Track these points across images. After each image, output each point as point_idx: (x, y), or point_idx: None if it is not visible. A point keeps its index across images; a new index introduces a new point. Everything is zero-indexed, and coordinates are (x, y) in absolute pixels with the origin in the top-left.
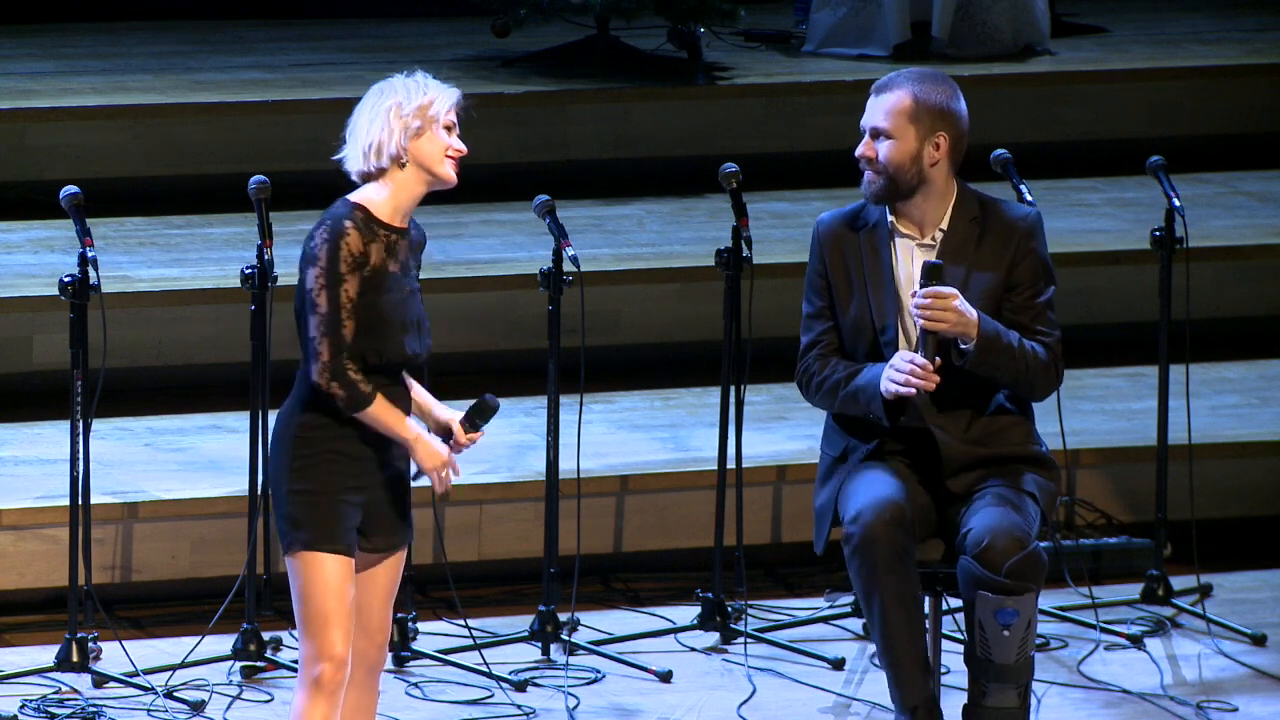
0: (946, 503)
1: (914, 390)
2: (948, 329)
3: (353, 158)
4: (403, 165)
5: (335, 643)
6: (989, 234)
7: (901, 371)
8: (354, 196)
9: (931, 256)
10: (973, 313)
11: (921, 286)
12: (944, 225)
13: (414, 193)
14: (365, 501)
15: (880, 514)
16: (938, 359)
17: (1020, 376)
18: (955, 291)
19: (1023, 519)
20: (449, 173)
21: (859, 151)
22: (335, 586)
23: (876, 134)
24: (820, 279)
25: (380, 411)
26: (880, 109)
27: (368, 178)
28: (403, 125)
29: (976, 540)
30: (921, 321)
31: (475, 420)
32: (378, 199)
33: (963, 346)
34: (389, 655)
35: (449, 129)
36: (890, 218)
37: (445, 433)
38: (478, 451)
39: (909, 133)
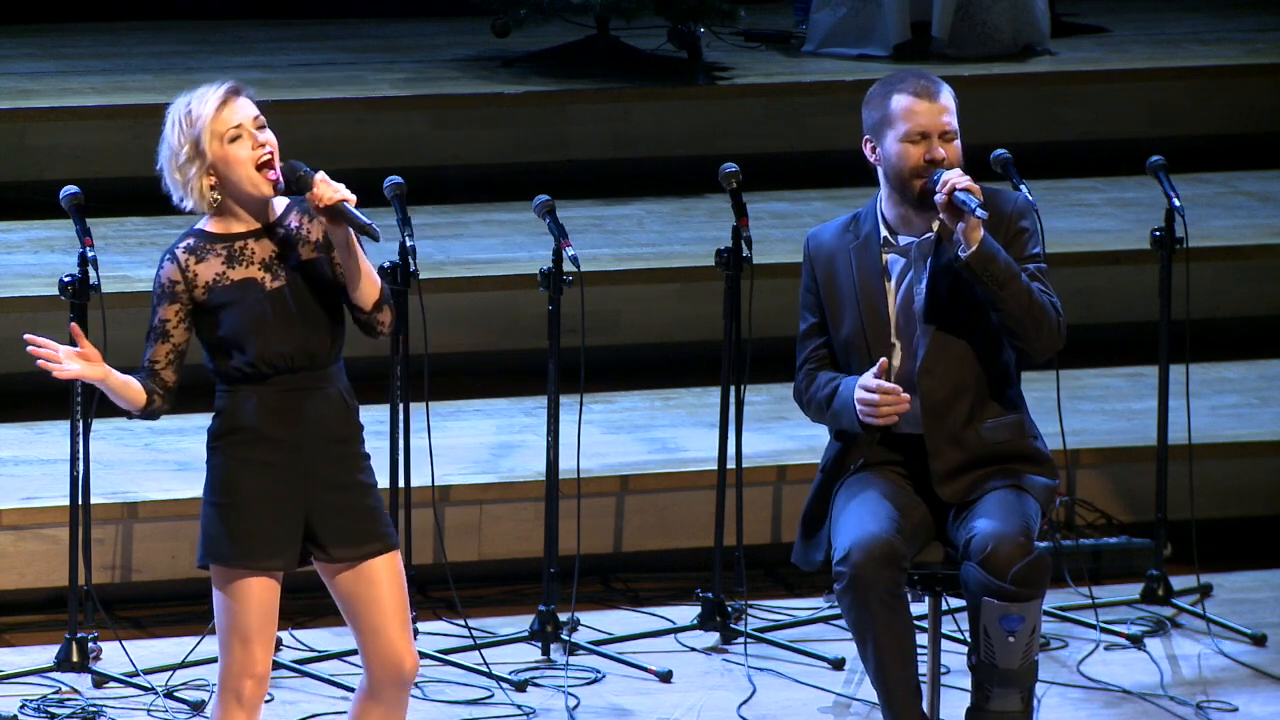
0: (944, 508)
1: (894, 418)
2: (970, 185)
3: (190, 207)
4: (217, 200)
5: (257, 660)
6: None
7: (871, 404)
8: (200, 223)
9: (924, 255)
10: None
11: None
12: (941, 217)
13: (248, 205)
14: (299, 508)
15: (869, 553)
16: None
17: (1024, 306)
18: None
19: (1026, 523)
20: (265, 188)
21: (934, 155)
22: (255, 602)
23: (947, 137)
24: (812, 295)
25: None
26: (948, 108)
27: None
28: (190, 173)
29: (981, 546)
30: (959, 182)
31: (300, 188)
32: (215, 218)
33: (963, 254)
34: None
35: (236, 138)
36: (884, 231)
37: (337, 222)
38: (476, 452)
39: (957, 126)
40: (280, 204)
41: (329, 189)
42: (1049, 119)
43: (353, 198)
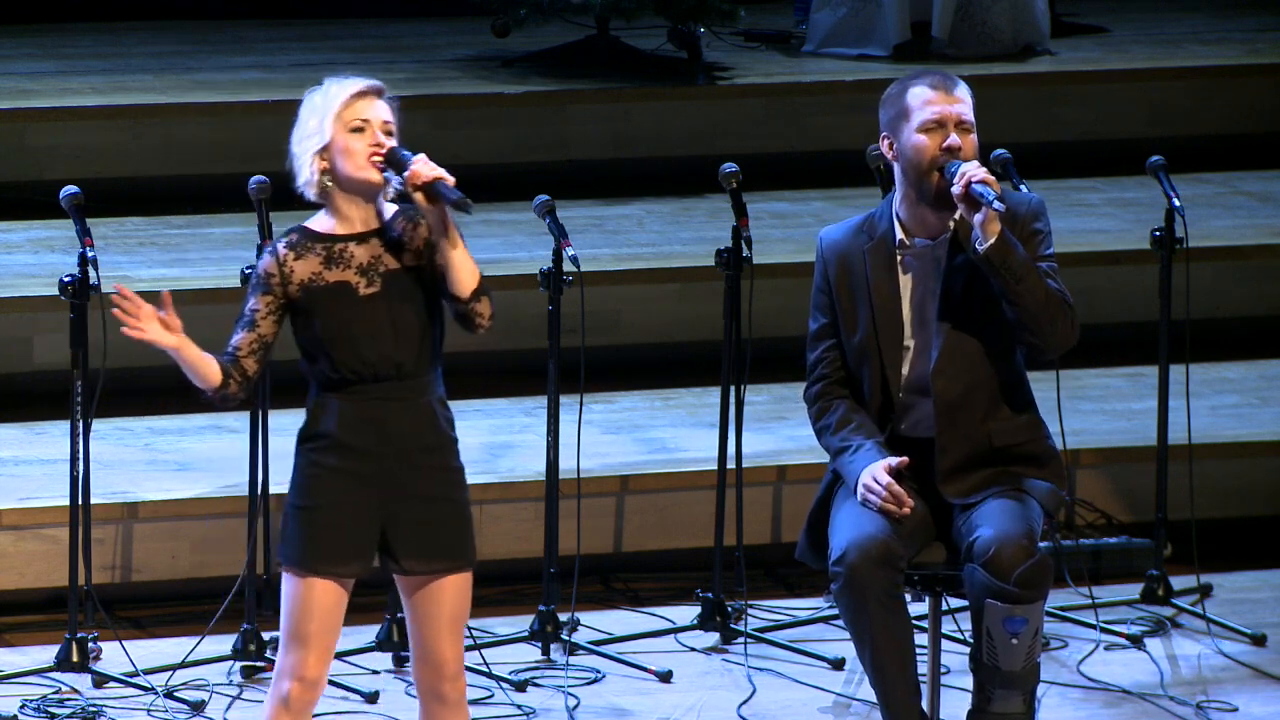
0: (947, 506)
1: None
2: (987, 176)
3: (302, 189)
4: (328, 186)
5: (308, 664)
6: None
7: (876, 493)
8: (308, 220)
9: (941, 257)
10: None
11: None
12: (957, 216)
13: (355, 201)
14: (375, 517)
15: (866, 553)
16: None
17: (1040, 301)
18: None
19: (1029, 526)
20: (370, 176)
21: (950, 144)
22: (317, 607)
23: (964, 127)
24: (824, 296)
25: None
26: (963, 100)
27: (322, 200)
28: (306, 150)
29: (984, 548)
30: (975, 174)
31: (399, 171)
32: (322, 217)
33: (980, 248)
34: (389, 656)
35: (358, 130)
36: (899, 233)
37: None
38: (476, 452)
39: (974, 121)
40: (388, 211)
41: (427, 167)
42: (1049, 119)
43: (451, 178)
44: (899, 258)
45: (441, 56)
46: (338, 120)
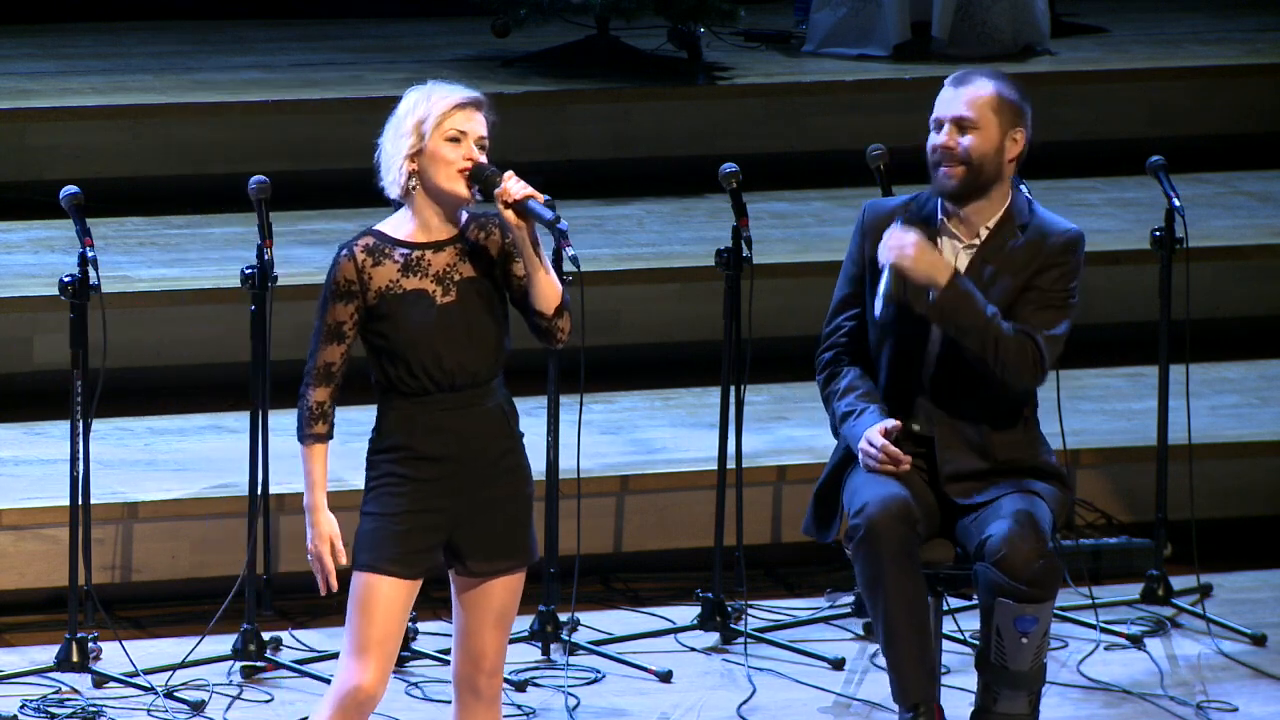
0: (953, 507)
1: (890, 470)
2: (910, 268)
3: (386, 186)
4: (413, 189)
5: (367, 668)
6: (1028, 241)
7: (872, 456)
8: (380, 223)
9: (972, 258)
10: (946, 264)
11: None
12: (991, 225)
13: (438, 210)
14: (447, 523)
15: (886, 508)
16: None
17: (987, 348)
18: (916, 236)
19: (1040, 526)
20: (459, 189)
21: (939, 142)
22: (382, 611)
23: (961, 125)
24: (856, 266)
25: (307, 460)
26: (962, 99)
27: (404, 201)
28: (399, 150)
29: (995, 547)
30: (888, 257)
31: (487, 188)
32: (399, 220)
33: (931, 296)
34: None
35: (455, 140)
36: (941, 216)
37: (517, 210)
38: None
39: (992, 124)
40: (462, 218)
41: (518, 185)
42: (1049, 119)
43: (541, 196)
44: (938, 235)
45: (441, 56)
46: (435, 128)
